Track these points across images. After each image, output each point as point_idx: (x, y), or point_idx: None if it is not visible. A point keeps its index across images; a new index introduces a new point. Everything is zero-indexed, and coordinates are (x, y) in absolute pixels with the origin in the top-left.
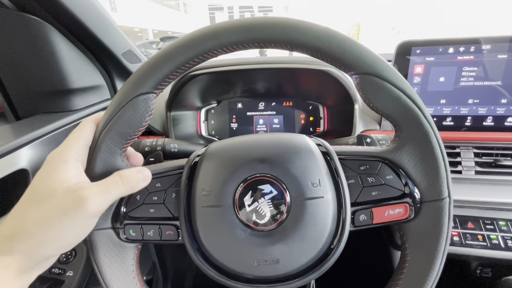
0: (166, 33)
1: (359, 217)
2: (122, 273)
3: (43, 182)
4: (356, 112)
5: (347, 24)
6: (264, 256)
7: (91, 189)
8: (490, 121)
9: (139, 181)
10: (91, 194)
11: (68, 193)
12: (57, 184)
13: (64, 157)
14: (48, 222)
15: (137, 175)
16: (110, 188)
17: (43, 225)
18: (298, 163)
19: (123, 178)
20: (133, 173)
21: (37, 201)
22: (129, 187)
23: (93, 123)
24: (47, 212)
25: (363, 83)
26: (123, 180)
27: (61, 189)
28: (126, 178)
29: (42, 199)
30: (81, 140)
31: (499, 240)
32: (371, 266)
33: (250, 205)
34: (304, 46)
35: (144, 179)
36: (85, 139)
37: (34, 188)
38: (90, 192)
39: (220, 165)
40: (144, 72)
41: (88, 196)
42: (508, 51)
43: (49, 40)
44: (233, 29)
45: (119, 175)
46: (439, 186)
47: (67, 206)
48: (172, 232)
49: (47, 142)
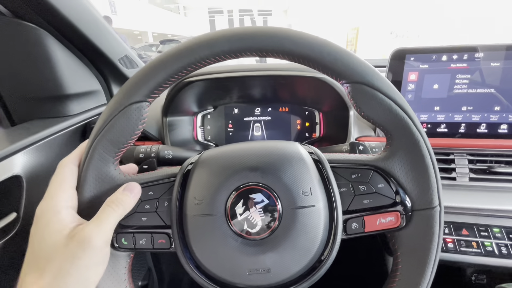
0: (166, 36)
1: (351, 225)
2: (113, 282)
3: (42, 238)
4: (351, 119)
5: (346, 28)
6: (255, 265)
7: (89, 226)
8: (483, 128)
9: (129, 199)
10: (91, 231)
11: (70, 239)
12: (57, 235)
13: (54, 209)
14: (66, 271)
15: (124, 195)
16: (105, 219)
17: (63, 275)
18: (289, 171)
19: (111, 205)
20: (120, 195)
21: (46, 258)
22: (122, 209)
23: (72, 163)
24: (61, 264)
25: (354, 92)
26: (113, 207)
27: (63, 238)
28: (115, 203)
29: (50, 254)
30: (64, 184)
31: (493, 247)
32: (365, 272)
33: (242, 214)
34: (296, 56)
35: (134, 195)
36: (68, 182)
37: (35, 248)
38: (89, 229)
39: (212, 174)
40: (137, 80)
41: (89, 234)
42: (501, 59)
43: (45, 46)
44: (226, 38)
45: (107, 204)
46: (430, 195)
47: (75, 251)
48: (164, 240)
49: (42, 147)
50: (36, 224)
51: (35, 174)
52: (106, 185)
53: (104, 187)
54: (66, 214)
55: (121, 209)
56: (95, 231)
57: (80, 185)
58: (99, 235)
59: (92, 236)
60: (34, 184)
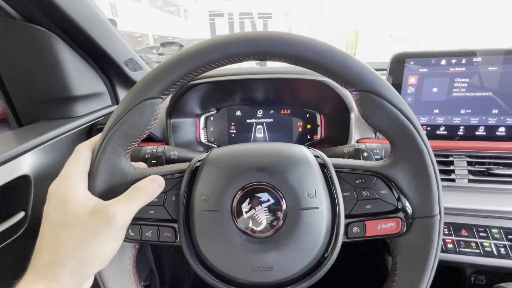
0: (166, 38)
1: (352, 229)
2: (118, 271)
3: (62, 212)
4: (352, 121)
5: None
6: (258, 262)
7: (116, 204)
8: (482, 130)
9: (155, 190)
10: (117, 209)
11: (95, 213)
12: (80, 209)
13: (70, 188)
14: (86, 242)
15: (152, 184)
16: (132, 201)
17: (82, 245)
18: (295, 173)
19: (140, 190)
20: (148, 183)
21: (66, 228)
22: (148, 197)
23: (87, 149)
24: (81, 234)
25: (362, 100)
26: (141, 192)
27: (86, 212)
28: (144, 189)
29: (71, 225)
30: (79, 167)
31: (492, 247)
32: (365, 273)
33: (247, 212)
34: (307, 62)
35: (159, 186)
36: (83, 165)
37: (54, 220)
38: (116, 207)
39: (220, 172)
40: (152, 78)
41: (115, 210)
42: (499, 63)
43: (53, 49)
44: (241, 41)
45: (137, 188)
46: (431, 203)
47: (99, 224)
48: (170, 234)
49: (50, 148)
50: (52, 201)
51: (43, 174)
52: (117, 177)
53: (115, 179)
54: (84, 193)
55: (147, 196)
56: (121, 209)
57: (92, 175)
58: (124, 213)
59: (118, 213)
60: (41, 184)
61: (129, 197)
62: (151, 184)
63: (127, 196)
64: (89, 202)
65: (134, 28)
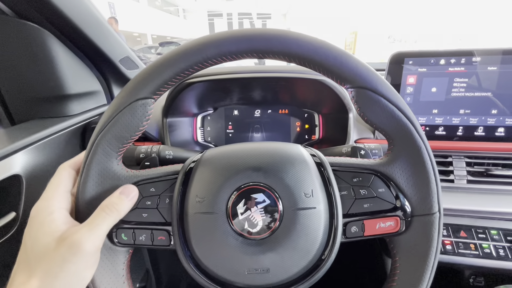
0: (165, 38)
1: (350, 229)
2: (112, 277)
3: (34, 239)
4: (350, 121)
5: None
6: (254, 264)
7: (81, 230)
8: (481, 131)
9: (125, 204)
10: (82, 236)
11: (61, 242)
12: (49, 237)
13: (47, 209)
14: (53, 275)
15: (120, 199)
16: (98, 223)
17: (49, 278)
18: (292, 173)
19: (106, 209)
20: (115, 199)
21: (36, 260)
22: (116, 215)
23: (70, 168)
24: (48, 266)
25: (358, 97)
26: (107, 211)
27: (53, 241)
28: (109, 207)
29: (40, 256)
30: (61, 187)
31: (491, 249)
32: (364, 274)
33: (243, 214)
34: (302, 59)
35: (131, 198)
36: (64, 185)
37: (27, 248)
38: (81, 234)
39: (215, 172)
40: (144, 77)
41: (80, 238)
42: (498, 63)
43: (47, 47)
44: (234, 39)
45: (101, 208)
46: (430, 201)
47: (65, 254)
48: (164, 237)
49: (42, 147)
50: (30, 225)
51: (35, 174)
52: (108, 180)
53: (107, 182)
54: (59, 216)
55: (115, 215)
56: (86, 236)
57: (83, 179)
58: (90, 239)
59: (83, 240)
60: (33, 184)
61: (94, 221)
62: (119, 199)
63: (92, 219)
64: (61, 226)
65: (132, 28)
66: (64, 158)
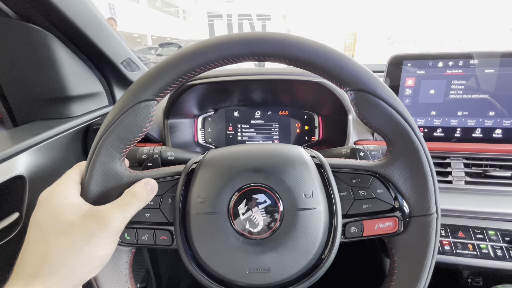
0: (165, 39)
1: (349, 229)
2: (114, 276)
3: (52, 218)
4: (350, 122)
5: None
6: (255, 264)
7: (110, 209)
8: (478, 132)
9: (149, 194)
10: (112, 213)
11: (88, 218)
12: (72, 215)
13: (61, 194)
14: (78, 247)
15: (146, 188)
16: (127, 207)
17: (72, 251)
18: (292, 174)
19: (136, 196)
20: (142, 187)
21: (56, 234)
22: (142, 202)
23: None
24: (73, 239)
25: (357, 99)
26: (136, 198)
27: (78, 218)
28: (138, 195)
29: (62, 231)
30: (73, 178)
31: (489, 249)
32: (363, 274)
33: (244, 214)
34: (302, 62)
35: (152, 190)
36: (77, 177)
37: (43, 225)
38: (111, 211)
39: (217, 173)
40: (147, 79)
41: (110, 215)
42: (496, 66)
43: (49, 49)
44: (235, 42)
45: (131, 193)
46: (428, 202)
47: (92, 228)
48: (166, 237)
49: (45, 148)
50: (42, 208)
51: (38, 175)
52: (112, 180)
53: (110, 182)
54: (76, 200)
55: (142, 202)
56: (115, 213)
57: (87, 179)
58: (118, 218)
59: (112, 217)
60: (36, 184)
61: (124, 203)
62: (145, 188)
63: (122, 202)
64: (82, 207)
65: (132, 29)
66: (66, 159)
